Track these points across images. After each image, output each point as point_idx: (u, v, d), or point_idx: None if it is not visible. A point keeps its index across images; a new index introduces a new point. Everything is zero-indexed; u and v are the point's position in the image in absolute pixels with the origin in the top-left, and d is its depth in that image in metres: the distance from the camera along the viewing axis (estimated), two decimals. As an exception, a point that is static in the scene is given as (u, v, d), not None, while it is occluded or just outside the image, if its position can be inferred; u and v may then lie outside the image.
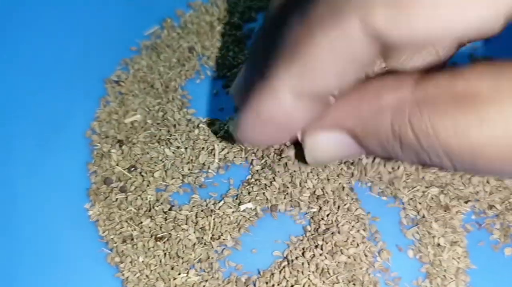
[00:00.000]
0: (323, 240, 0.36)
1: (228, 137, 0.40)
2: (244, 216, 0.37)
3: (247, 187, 0.38)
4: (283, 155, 0.38)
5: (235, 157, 0.40)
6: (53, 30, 0.46)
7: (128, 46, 0.45)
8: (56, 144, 0.41)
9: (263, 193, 0.38)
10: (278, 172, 0.38)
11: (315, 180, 0.38)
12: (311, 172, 0.38)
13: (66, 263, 0.37)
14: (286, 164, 0.38)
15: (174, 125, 0.41)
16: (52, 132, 0.42)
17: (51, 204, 0.39)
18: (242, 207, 0.37)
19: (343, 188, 0.38)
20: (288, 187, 0.38)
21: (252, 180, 0.38)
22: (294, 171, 0.38)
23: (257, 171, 0.39)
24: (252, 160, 0.39)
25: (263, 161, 0.39)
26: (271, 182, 0.38)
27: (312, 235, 0.37)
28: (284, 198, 0.38)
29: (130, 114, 0.42)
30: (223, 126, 0.41)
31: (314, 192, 0.38)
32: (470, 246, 0.37)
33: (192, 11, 0.47)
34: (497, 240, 0.38)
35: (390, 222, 0.38)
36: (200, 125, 0.41)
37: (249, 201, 0.38)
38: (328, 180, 0.38)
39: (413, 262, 0.37)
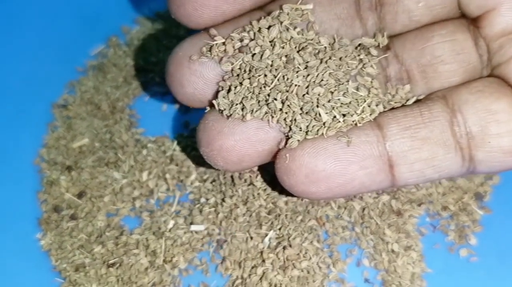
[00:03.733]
0: (276, 255, 0.36)
1: (177, 156, 0.40)
2: (195, 237, 0.37)
3: (198, 206, 0.38)
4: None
5: (186, 176, 0.39)
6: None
7: (74, 66, 0.45)
8: (5, 173, 0.41)
9: (215, 211, 0.37)
10: (230, 190, 0.38)
11: (266, 196, 0.37)
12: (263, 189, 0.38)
13: (19, 296, 0.37)
14: (235, 183, 0.38)
15: (122, 147, 0.40)
16: (0, 161, 0.41)
17: (2, 235, 0.38)
18: (192, 227, 0.37)
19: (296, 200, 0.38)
20: (238, 206, 0.37)
21: (203, 199, 0.38)
22: (245, 189, 0.37)
23: (208, 190, 0.38)
24: (204, 179, 0.39)
25: (213, 179, 0.39)
26: (222, 200, 0.37)
27: (264, 250, 0.36)
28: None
29: (78, 139, 0.41)
30: (171, 145, 0.40)
31: (266, 207, 0.37)
32: (425, 250, 0.37)
33: (138, 26, 0.46)
34: (453, 241, 0.37)
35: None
36: (149, 145, 0.40)
37: (202, 221, 0.37)
38: (281, 193, 0.38)
39: (369, 270, 0.37)
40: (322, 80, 0.29)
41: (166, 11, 0.47)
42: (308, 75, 0.29)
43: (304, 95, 0.29)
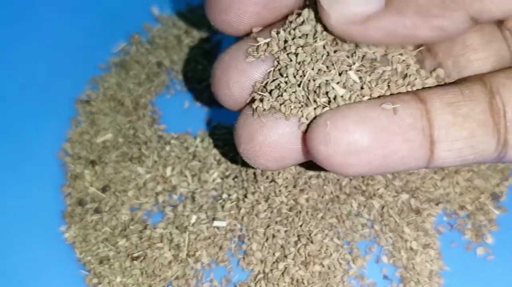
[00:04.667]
0: (297, 250, 0.36)
1: (199, 152, 0.40)
2: (218, 232, 0.38)
3: (220, 201, 0.39)
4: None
5: (208, 173, 0.40)
6: (19, 52, 0.46)
7: (97, 64, 0.45)
8: (29, 167, 0.41)
9: (236, 207, 0.38)
10: (252, 186, 0.38)
11: (287, 193, 0.38)
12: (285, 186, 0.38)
13: (44, 287, 0.37)
14: (257, 179, 0.38)
15: (145, 143, 0.41)
16: (24, 156, 0.42)
17: (27, 229, 0.39)
18: (215, 223, 0.38)
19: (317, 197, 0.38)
20: (260, 203, 0.38)
21: (225, 195, 0.39)
22: (267, 186, 0.38)
23: (230, 186, 0.39)
24: (226, 175, 0.40)
25: (235, 175, 0.39)
26: (244, 197, 0.38)
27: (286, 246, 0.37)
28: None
29: (102, 134, 0.42)
30: (194, 142, 0.41)
31: (287, 203, 0.38)
32: (443, 248, 0.38)
33: (160, 25, 0.47)
34: (469, 240, 0.38)
35: (363, 228, 0.38)
36: (172, 141, 0.41)
37: (224, 217, 0.38)
38: (302, 190, 0.38)
39: (387, 267, 0.37)
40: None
41: (188, 10, 0.48)
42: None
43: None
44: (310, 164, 0.32)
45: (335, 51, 0.30)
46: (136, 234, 0.38)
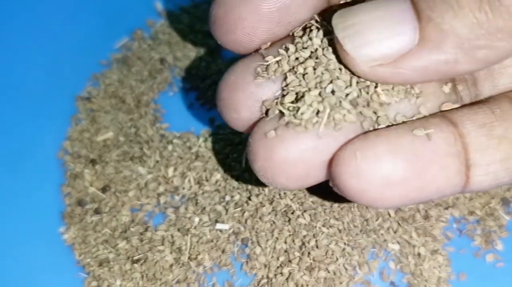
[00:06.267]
0: (302, 255, 0.36)
1: (202, 152, 0.39)
2: (220, 235, 0.37)
3: (223, 203, 0.38)
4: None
5: (211, 173, 0.39)
6: (19, 47, 0.45)
7: (98, 60, 0.44)
8: (28, 166, 0.40)
9: (240, 209, 0.37)
10: (256, 188, 0.37)
11: (292, 195, 0.37)
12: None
13: (43, 289, 0.36)
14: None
15: (147, 142, 0.40)
16: (23, 154, 0.41)
17: (26, 229, 0.38)
18: (218, 226, 0.37)
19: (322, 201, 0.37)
20: (264, 205, 0.37)
21: (228, 197, 0.38)
22: (271, 188, 0.37)
23: (233, 187, 0.38)
24: (229, 176, 0.39)
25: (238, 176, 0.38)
26: (248, 199, 0.37)
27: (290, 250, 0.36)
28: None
29: (102, 132, 0.41)
30: (197, 142, 0.40)
31: (292, 206, 0.37)
32: (451, 254, 0.37)
33: (163, 20, 0.46)
34: (479, 247, 0.37)
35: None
36: (174, 140, 0.40)
37: (227, 220, 0.37)
38: (308, 193, 0.38)
39: (394, 273, 0.36)
40: None
41: (191, 6, 0.47)
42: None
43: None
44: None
45: None
46: (136, 236, 0.37)
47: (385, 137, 0.26)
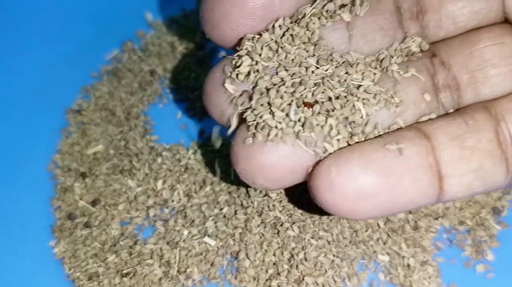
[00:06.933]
0: (290, 267, 0.35)
1: (192, 164, 0.39)
2: (209, 248, 0.37)
3: (213, 217, 0.38)
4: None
5: (200, 186, 0.39)
6: (10, 60, 0.45)
7: (89, 72, 0.44)
8: (18, 179, 0.40)
9: (230, 222, 0.37)
10: (244, 200, 0.37)
11: (281, 207, 0.37)
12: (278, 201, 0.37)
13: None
14: (249, 194, 0.37)
15: (137, 155, 0.40)
16: (13, 167, 0.41)
17: (16, 242, 0.38)
18: (206, 239, 0.37)
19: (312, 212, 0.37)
20: (253, 217, 0.37)
21: (217, 210, 0.38)
22: (260, 200, 0.37)
23: (222, 200, 0.38)
24: (219, 189, 0.39)
25: (228, 189, 0.38)
26: (236, 211, 0.37)
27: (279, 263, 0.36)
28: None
29: (92, 145, 0.41)
30: (186, 154, 0.40)
31: (280, 218, 0.37)
32: (441, 264, 0.37)
33: (153, 31, 0.46)
34: (469, 257, 0.37)
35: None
36: (164, 153, 0.40)
37: (215, 232, 0.37)
38: (296, 205, 0.37)
39: (384, 284, 0.36)
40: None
41: (182, 16, 0.47)
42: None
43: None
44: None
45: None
46: (126, 250, 0.37)
47: (359, 153, 0.27)
